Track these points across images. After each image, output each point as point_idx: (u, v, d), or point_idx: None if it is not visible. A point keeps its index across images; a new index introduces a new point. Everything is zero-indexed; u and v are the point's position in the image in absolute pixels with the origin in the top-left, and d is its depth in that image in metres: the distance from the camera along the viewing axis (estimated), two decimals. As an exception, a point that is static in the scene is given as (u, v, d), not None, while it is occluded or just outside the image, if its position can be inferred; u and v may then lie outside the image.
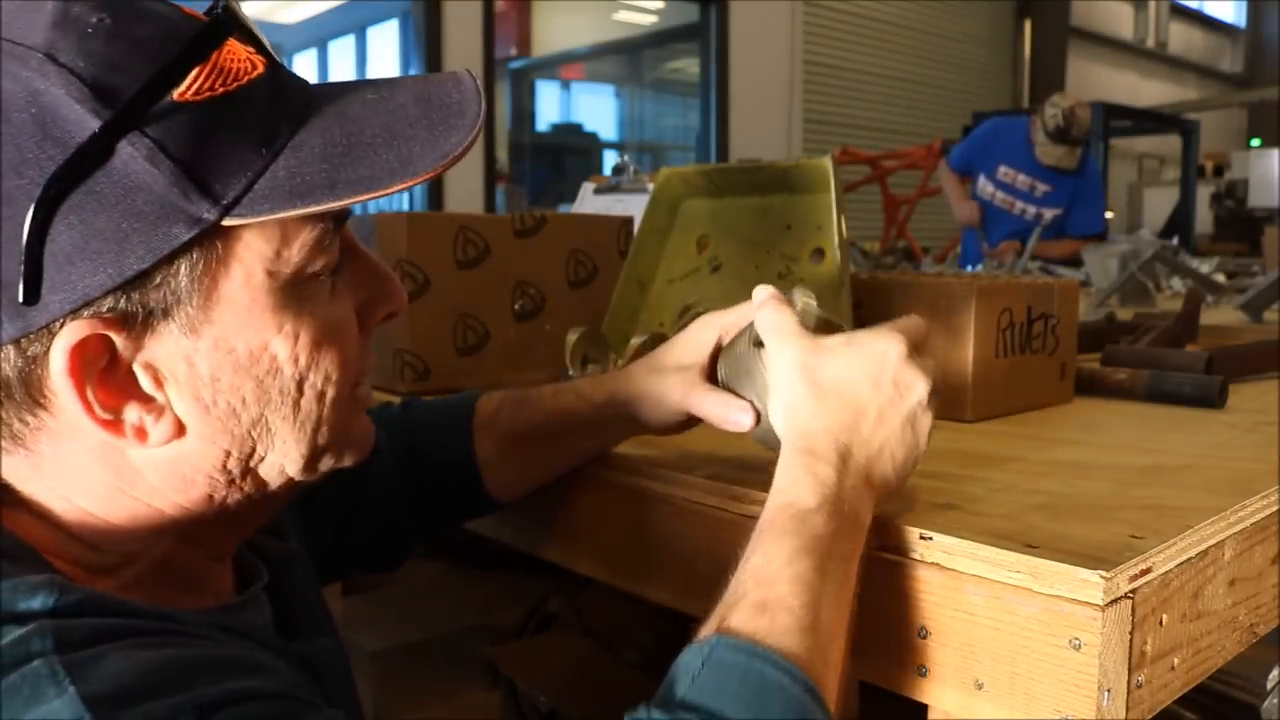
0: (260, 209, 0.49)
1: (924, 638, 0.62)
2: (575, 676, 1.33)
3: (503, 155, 6.97)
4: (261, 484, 0.56)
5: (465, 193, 5.53)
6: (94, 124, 0.46)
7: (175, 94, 0.48)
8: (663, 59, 9.07)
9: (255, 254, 0.51)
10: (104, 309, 0.48)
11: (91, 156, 0.46)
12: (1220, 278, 3.03)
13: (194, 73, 0.48)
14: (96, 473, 0.52)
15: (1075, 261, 3.42)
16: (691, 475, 0.77)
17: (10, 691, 0.42)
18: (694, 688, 0.50)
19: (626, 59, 9.31)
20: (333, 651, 0.68)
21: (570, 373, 0.96)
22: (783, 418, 0.64)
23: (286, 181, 0.49)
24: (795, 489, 0.59)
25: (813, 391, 0.62)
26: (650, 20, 9.04)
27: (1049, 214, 3.95)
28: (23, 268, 0.46)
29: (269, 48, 0.53)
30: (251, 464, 0.55)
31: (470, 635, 1.49)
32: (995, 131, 4.22)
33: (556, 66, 8.98)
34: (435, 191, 5.46)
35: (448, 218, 1.19)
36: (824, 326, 0.68)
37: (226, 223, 0.49)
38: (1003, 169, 4.04)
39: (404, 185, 0.51)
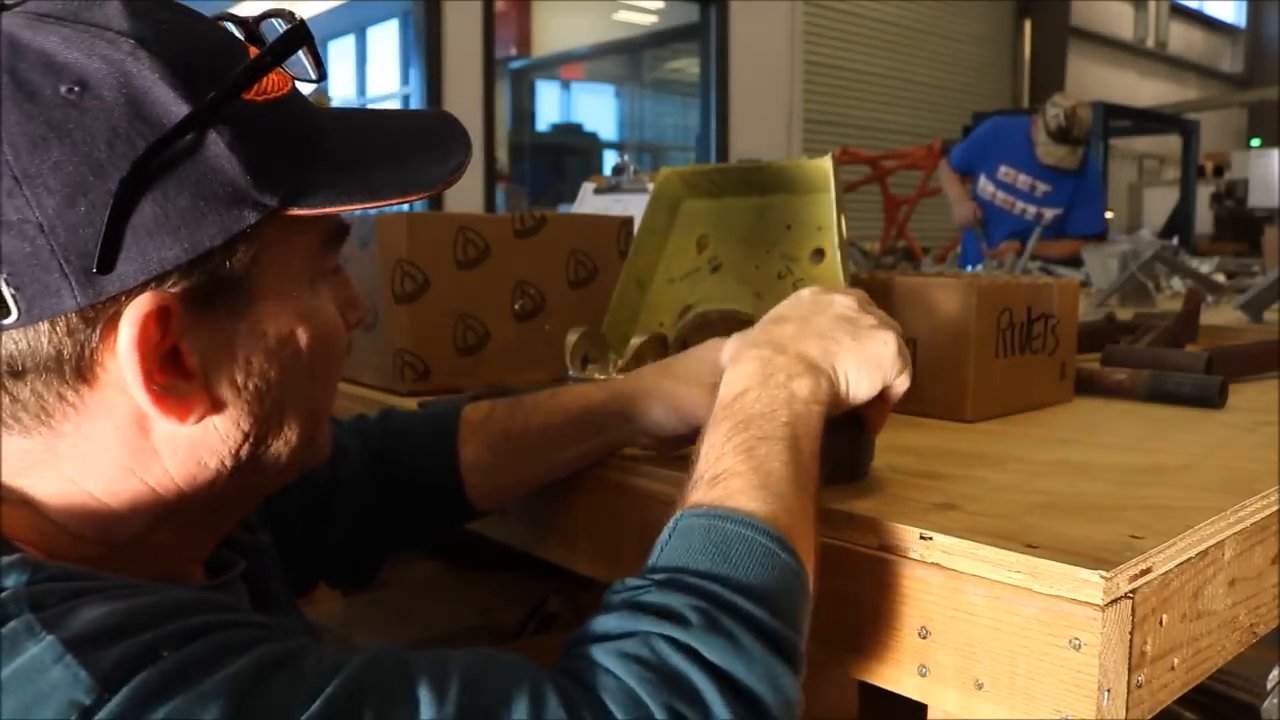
0: (315, 203, 0.53)
1: (924, 638, 0.62)
2: (575, 676, 1.33)
3: (503, 155, 6.97)
4: (261, 468, 0.58)
5: (465, 193, 5.53)
6: (184, 109, 0.49)
7: (245, 94, 0.52)
8: (663, 59, 9.07)
9: (297, 247, 0.56)
10: (169, 284, 0.50)
11: (181, 139, 0.49)
12: (1220, 278, 3.03)
13: (264, 78, 0.53)
14: (113, 452, 0.53)
15: (1075, 261, 3.42)
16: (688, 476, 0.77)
17: None
18: (663, 555, 0.55)
19: (626, 59, 9.30)
20: (304, 628, 0.68)
21: (570, 373, 0.95)
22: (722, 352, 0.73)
23: (329, 181, 0.54)
24: (726, 388, 0.65)
25: (743, 338, 0.71)
26: (650, 20, 9.04)
27: (1049, 214, 3.95)
28: (103, 236, 0.48)
29: (319, 64, 0.58)
30: (261, 449, 0.57)
31: (470, 635, 1.49)
32: (996, 131, 4.22)
33: (556, 66, 8.98)
34: (435, 191, 5.46)
35: (448, 218, 1.19)
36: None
37: (289, 212, 0.53)
38: (1003, 169, 4.04)
39: (427, 194, 0.57)
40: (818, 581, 0.58)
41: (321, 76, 0.57)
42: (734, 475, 0.58)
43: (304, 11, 0.58)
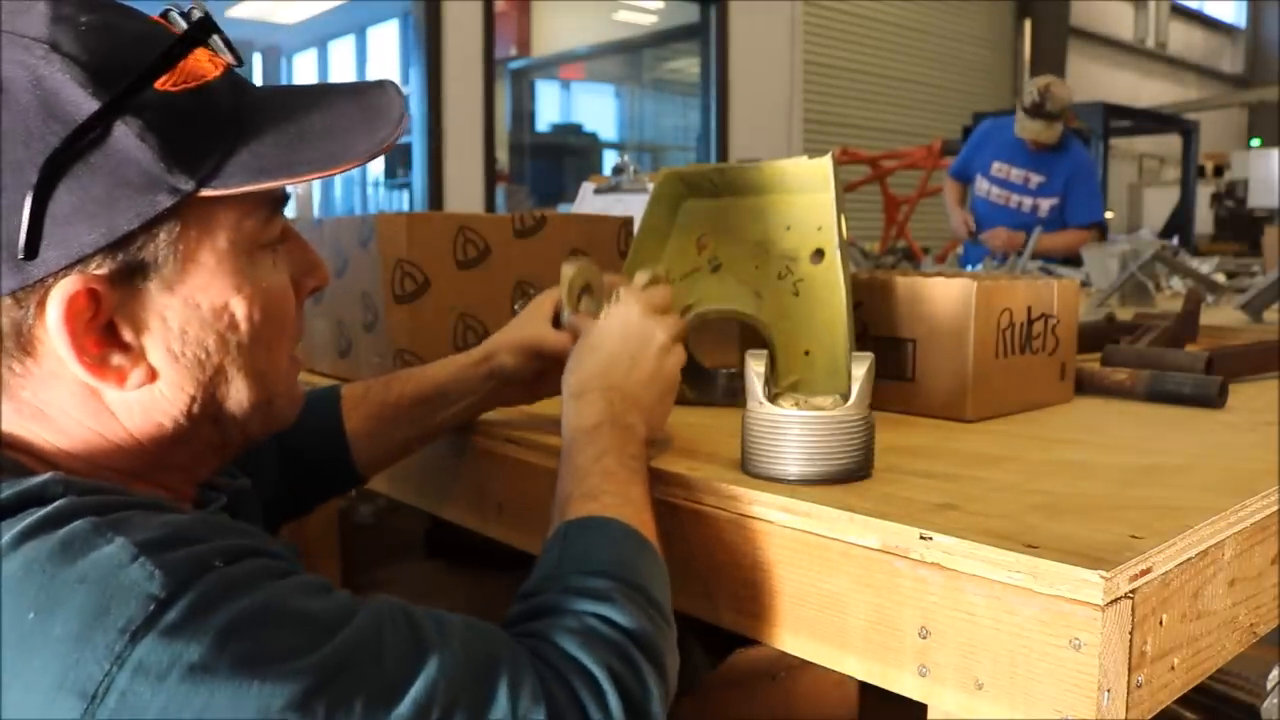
0: (230, 183, 0.58)
1: (924, 638, 0.62)
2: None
3: (503, 155, 6.96)
4: (222, 427, 0.64)
5: (465, 193, 5.53)
6: (93, 105, 0.54)
7: (158, 84, 0.56)
8: (663, 59, 9.06)
9: (222, 224, 0.60)
10: (93, 266, 0.55)
11: (91, 133, 0.54)
12: (1220, 278, 3.03)
13: (174, 69, 0.57)
14: (74, 415, 0.59)
15: (1075, 261, 3.42)
16: (691, 475, 0.77)
17: (63, 544, 0.48)
18: (564, 556, 0.66)
19: (626, 59, 9.30)
20: (291, 549, 0.74)
21: (565, 312, 0.92)
22: (564, 378, 0.82)
23: (251, 162, 0.58)
24: (579, 419, 0.77)
25: (581, 354, 0.82)
26: (650, 20, 9.04)
27: (1045, 204, 3.99)
28: (25, 226, 0.53)
29: (233, 50, 0.62)
30: (212, 409, 0.63)
31: (470, 635, 1.49)
32: (988, 130, 4.25)
33: (556, 66, 8.98)
34: (435, 192, 5.46)
35: (448, 218, 1.19)
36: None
37: (202, 194, 0.57)
38: (996, 164, 4.08)
39: (347, 166, 0.60)
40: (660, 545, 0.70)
41: (239, 62, 0.62)
42: (605, 493, 0.70)
43: (304, 11, 0.59)
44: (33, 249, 0.53)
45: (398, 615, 0.55)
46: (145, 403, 0.60)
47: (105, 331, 0.57)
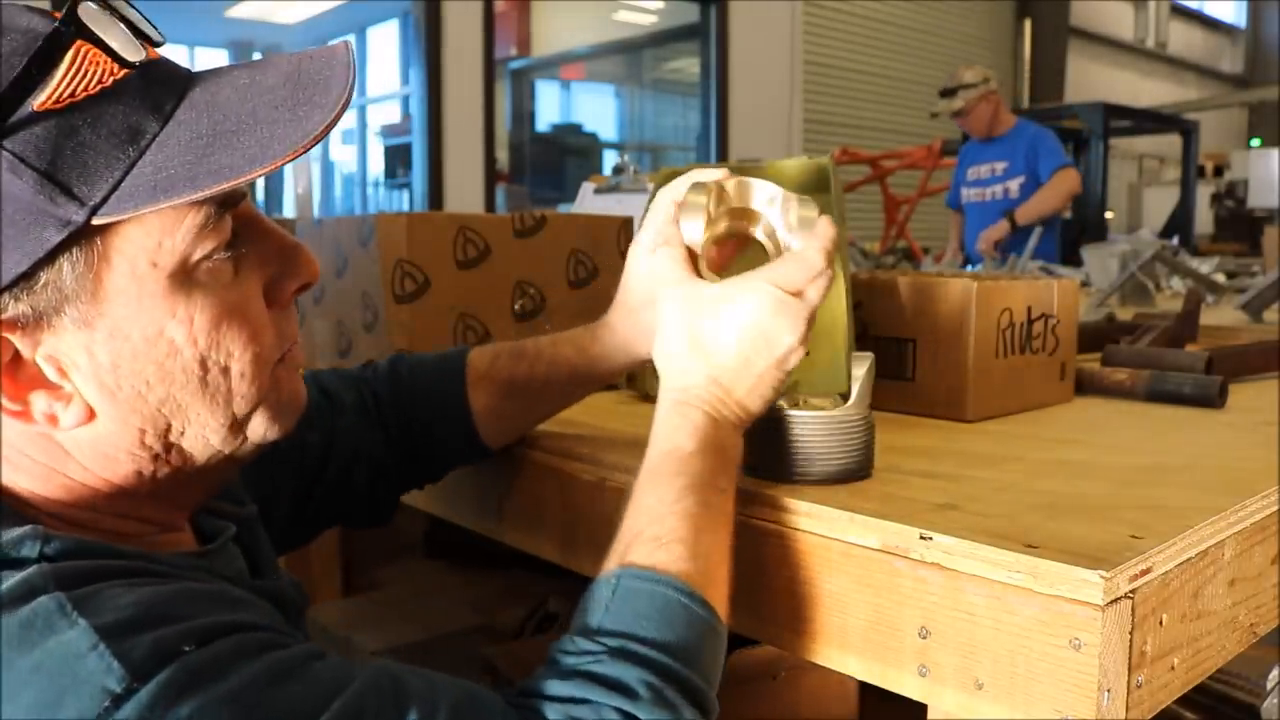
0: (125, 206, 0.51)
1: (924, 638, 0.62)
2: (575, 676, 1.33)
3: (503, 155, 6.97)
4: (188, 457, 0.59)
5: (465, 193, 5.53)
6: None
7: (35, 104, 0.50)
8: (663, 59, 9.06)
9: (136, 247, 0.53)
10: None
11: None
12: (1220, 278, 3.03)
13: (56, 80, 0.50)
14: (35, 457, 0.56)
15: (1075, 261, 3.43)
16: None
17: (23, 626, 0.45)
18: (609, 615, 0.58)
19: (626, 59, 9.30)
20: (296, 587, 0.73)
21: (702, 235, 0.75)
22: (661, 367, 0.71)
23: (151, 177, 0.52)
24: (676, 435, 0.67)
25: (688, 345, 0.70)
26: (650, 20, 9.04)
27: (1014, 184, 4.34)
28: None
29: (145, 35, 0.54)
30: (171, 438, 0.58)
31: (470, 635, 1.49)
32: (963, 152, 4.71)
33: (556, 66, 8.97)
34: (435, 191, 5.47)
35: (448, 218, 1.19)
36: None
37: (96, 221, 0.51)
38: (970, 171, 4.55)
39: (262, 171, 0.52)
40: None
41: (158, 42, 0.55)
42: (678, 541, 0.61)
43: (304, 11, 0.56)
44: None
45: (385, 689, 0.51)
46: (93, 440, 0.56)
47: (29, 372, 0.53)
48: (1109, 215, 7.70)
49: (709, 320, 0.69)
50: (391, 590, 1.67)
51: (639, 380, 1.12)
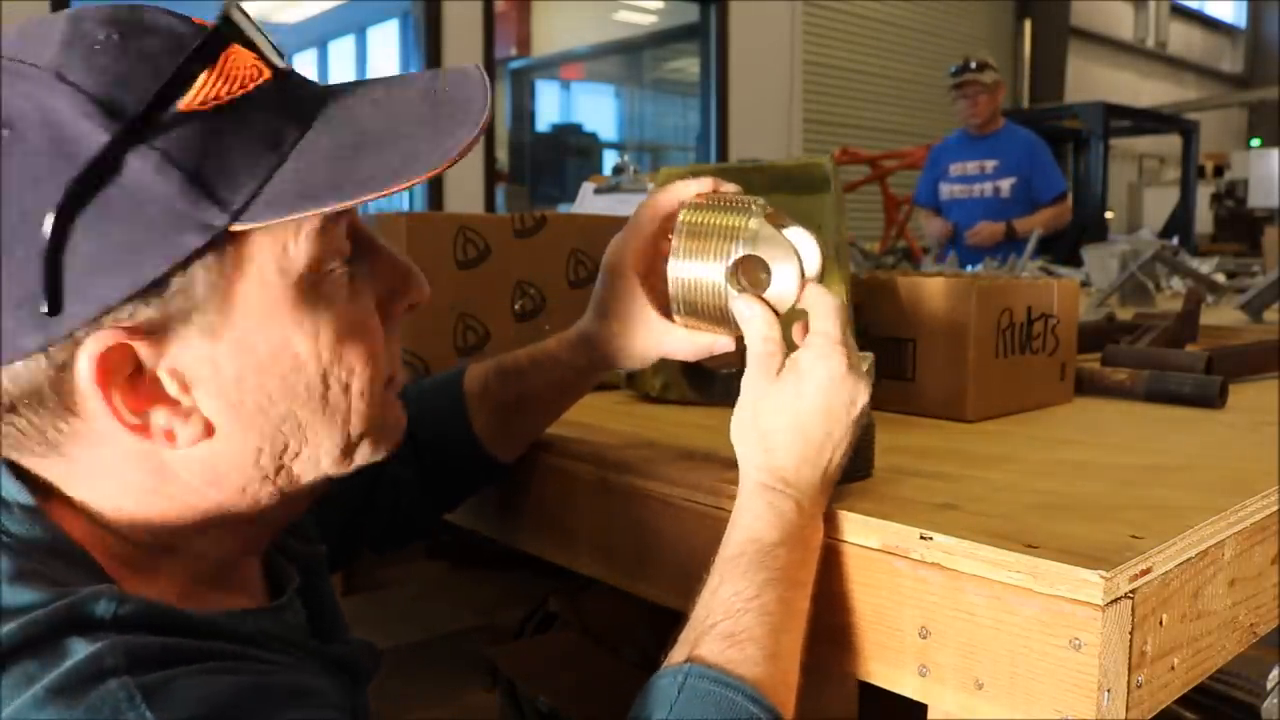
0: (268, 213, 0.50)
1: (924, 638, 0.62)
2: (575, 676, 1.33)
3: (503, 155, 6.96)
4: (295, 478, 0.57)
5: (465, 193, 5.53)
6: (102, 138, 0.47)
7: (181, 104, 0.49)
8: (663, 59, 9.06)
9: (268, 255, 0.52)
10: (124, 318, 0.49)
11: (101, 170, 0.47)
12: (1220, 278, 3.03)
13: (200, 82, 0.49)
14: (132, 474, 0.53)
15: (1075, 261, 3.43)
16: (691, 475, 0.77)
17: (90, 712, 0.43)
18: (672, 715, 0.55)
19: (626, 59, 9.30)
20: (369, 650, 0.70)
21: (729, 288, 0.70)
22: (745, 450, 0.68)
23: (294, 184, 0.50)
24: (759, 524, 0.64)
25: (772, 429, 0.66)
26: (650, 20, 9.04)
27: (1005, 184, 4.35)
28: (43, 280, 0.47)
29: (278, 49, 0.54)
30: (285, 459, 0.56)
31: (470, 635, 1.49)
32: (937, 152, 4.73)
33: (556, 66, 8.97)
34: (435, 191, 5.46)
35: (448, 218, 1.19)
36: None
37: (236, 228, 0.50)
38: (953, 167, 4.51)
39: (407, 184, 0.51)
40: None
41: (283, 57, 0.54)
42: (751, 641, 0.58)
43: (304, 11, 0.56)
44: (55, 304, 0.47)
45: None
46: (206, 458, 0.54)
47: (149, 386, 0.51)
48: (1109, 215, 7.70)
49: (789, 401, 0.66)
50: (392, 590, 1.67)
51: (639, 380, 1.12)
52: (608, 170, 2.07)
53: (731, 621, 0.59)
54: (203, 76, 0.49)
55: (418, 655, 1.44)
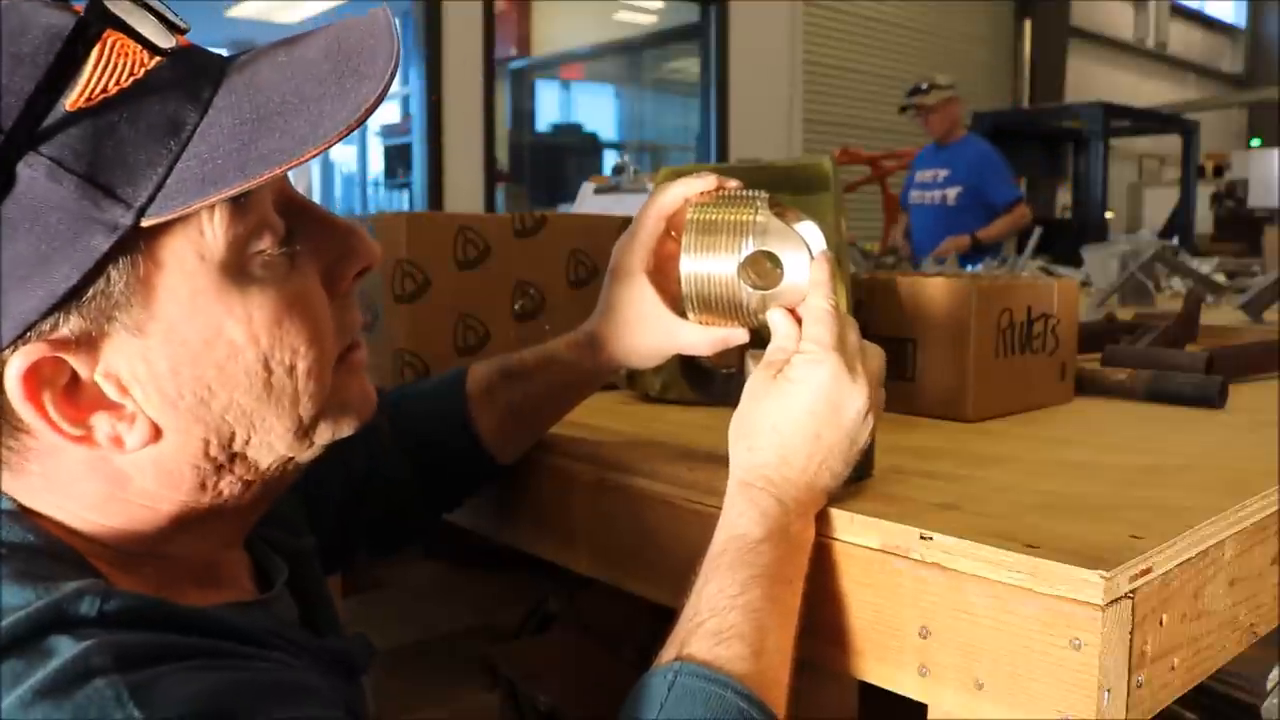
0: (174, 204, 0.48)
1: (924, 638, 0.62)
2: (575, 676, 1.33)
3: (503, 155, 6.96)
4: (253, 465, 0.56)
5: (465, 193, 5.53)
6: None
7: (67, 104, 0.47)
8: (663, 59, 9.05)
9: (184, 245, 0.50)
10: (46, 330, 0.48)
11: None
12: (1220, 278, 3.03)
13: (85, 77, 0.47)
14: (90, 484, 0.53)
15: (1076, 261, 3.44)
16: (691, 475, 0.77)
17: (78, 711, 0.42)
18: (663, 714, 0.55)
19: (626, 59, 9.30)
20: (361, 643, 0.69)
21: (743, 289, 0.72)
22: (733, 450, 0.68)
23: (198, 169, 0.48)
24: (743, 521, 0.64)
25: (758, 430, 0.67)
26: (650, 20, 9.03)
27: (952, 192, 4.71)
28: None
29: (175, 22, 0.51)
30: (235, 448, 0.55)
31: (470, 635, 1.49)
32: (917, 157, 5.11)
33: (556, 66, 8.97)
34: (435, 192, 5.47)
35: (448, 218, 1.19)
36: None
37: (145, 223, 0.48)
38: (919, 174, 4.94)
39: (315, 152, 0.49)
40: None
41: (184, 29, 0.50)
42: (738, 638, 0.58)
43: (304, 12, 0.55)
44: None
45: None
46: (156, 459, 0.53)
47: (90, 394, 0.50)
48: (1109, 215, 7.70)
49: (778, 402, 0.67)
50: (392, 591, 1.67)
51: (639, 380, 1.12)
52: (608, 170, 2.07)
53: (718, 619, 0.59)
54: (86, 71, 0.47)
55: (417, 655, 1.44)
